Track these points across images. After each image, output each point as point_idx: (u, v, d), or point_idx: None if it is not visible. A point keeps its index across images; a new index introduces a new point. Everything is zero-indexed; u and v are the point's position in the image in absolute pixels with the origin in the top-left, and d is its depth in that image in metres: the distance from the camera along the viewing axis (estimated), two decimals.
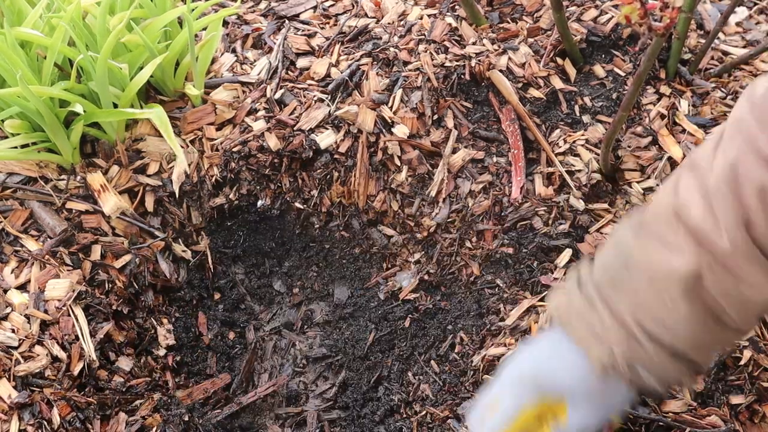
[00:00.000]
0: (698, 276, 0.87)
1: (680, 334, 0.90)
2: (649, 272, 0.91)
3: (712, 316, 0.89)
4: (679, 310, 0.89)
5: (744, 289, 0.86)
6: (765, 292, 0.86)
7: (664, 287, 0.89)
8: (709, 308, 0.88)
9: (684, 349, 0.92)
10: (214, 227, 1.59)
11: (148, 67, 1.41)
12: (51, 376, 1.24)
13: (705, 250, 0.86)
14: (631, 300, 0.92)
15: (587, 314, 0.94)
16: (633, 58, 1.62)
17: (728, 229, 0.84)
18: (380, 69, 1.57)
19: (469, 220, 1.47)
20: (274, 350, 1.57)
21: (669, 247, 0.89)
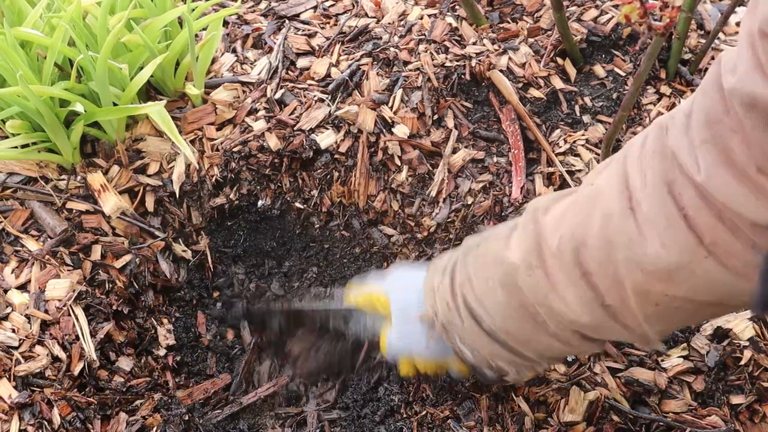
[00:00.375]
0: (516, 269, 0.91)
1: (496, 319, 0.97)
2: (487, 255, 0.98)
3: (527, 314, 0.92)
4: (497, 296, 0.95)
5: (553, 298, 0.87)
6: (575, 312, 0.86)
7: (490, 271, 0.96)
8: (524, 305, 0.92)
9: (502, 335, 0.97)
10: (215, 227, 1.59)
11: (148, 67, 1.41)
12: (51, 376, 1.24)
13: (536, 252, 0.89)
14: (467, 274, 1.00)
15: (439, 273, 1.07)
16: (633, 58, 1.62)
17: (563, 239, 0.85)
18: (380, 69, 1.57)
19: (469, 221, 1.47)
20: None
21: (515, 238, 0.94)
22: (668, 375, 1.29)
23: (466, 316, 0.99)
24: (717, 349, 1.29)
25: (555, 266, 0.86)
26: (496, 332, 0.97)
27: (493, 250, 0.96)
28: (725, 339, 1.31)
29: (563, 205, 0.89)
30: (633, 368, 1.31)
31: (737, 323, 1.32)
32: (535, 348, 0.97)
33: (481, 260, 0.99)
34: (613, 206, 0.80)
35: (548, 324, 0.90)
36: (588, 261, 0.82)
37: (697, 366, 1.29)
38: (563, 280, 0.85)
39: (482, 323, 0.97)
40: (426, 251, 1.51)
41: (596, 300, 0.83)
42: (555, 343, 0.94)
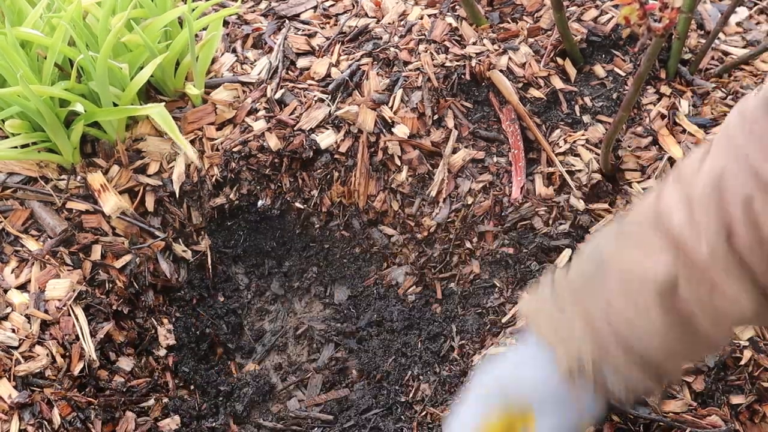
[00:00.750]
0: (674, 283, 0.85)
1: (652, 340, 0.89)
2: (624, 276, 0.89)
3: (685, 326, 0.88)
4: (652, 316, 0.87)
5: (718, 300, 0.84)
6: (739, 304, 0.84)
7: (638, 292, 0.87)
8: (683, 317, 0.87)
9: (654, 355, 0.90)
10: (215, 227, 1.59)
11: (148, 67, 1.41)
12: (51, 376, 1.24)
13: (683, 258, 0.84)
14: (603, 304, 0.90)
15: (557, 316, 0.92)
16: (633, 58, 1.62)
17: (709, 237, 0.82)
18: (380, 69, 1.57)
19: (469, 221, 1.47)
20: (275, 351, 1.57)
21: (646, 252, 0.87)
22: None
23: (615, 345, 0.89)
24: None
25: (710, 266, 0.83)
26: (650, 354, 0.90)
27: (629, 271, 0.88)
28: None
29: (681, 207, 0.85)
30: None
31: None
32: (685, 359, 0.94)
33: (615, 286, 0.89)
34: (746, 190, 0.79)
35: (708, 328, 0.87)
36: (741, 248, 0.81)
37: (697, 366, 1.29)
38: (723, 276, 0.83)
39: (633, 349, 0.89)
40: (426, 251, 1.51)
41: (756, 285, 0.82)
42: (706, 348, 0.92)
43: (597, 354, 0.90)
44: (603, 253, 0.92)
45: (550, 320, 0.93)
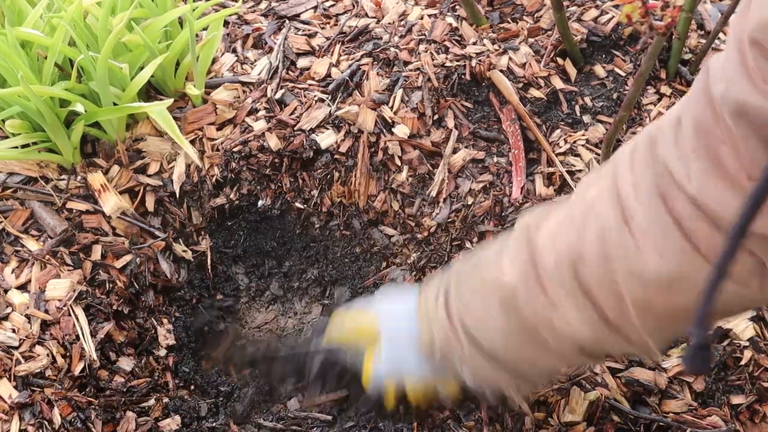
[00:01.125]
0: (515, 293, 0.89)
1: (497, 343, 0.94)
2: (483, 278, 0.95)
3: (528, 336, 0.91)
4: (497, 321, 0.92)
5: (555, 318, 0.86)
6: (578, 330, 0.85)
7: (488, 295, 0.93)
8: (525, 327, 0.90)
9: (504, 357, 0.95)
10: (215, 227, 1.59)
11: (148, 67, 1.41)
12: (51, 376, 1.24)
13: (534, 269, 0.87)
14: (462, 299, 0.97)
15: (430, 300, 1.02)
16: (633, 58, 1.62)
17: (560, 258, 0.84)
18: (381, 69, 1.57)
19: (470, 221, 1.47)
20: None
21: (508, 260, 0.91)
22: (668, 375, 1.29)
23: (466, 342, 0.97)
24: (717, 349, 1.29)
25: (553, 285, 0.85)
26: (498, 356, 0.95)
27: (487, 276, 0.94)
28: (725, 339, 1.31)
29: (555, 222, 0.87)
30: (633, 368, 1.31)
31: (737, 323, 1.32)
32: (537, 367, 0.97)
33: (476, 286, 0.96)
34: (608, 220, 0.79)
35: (550, 343, 0.89)
36: (587, 277, 0.81)
37: None
38: (563, 298, 0.84)
39: (483, 348, 0.96)
40: (426, 251, 1.51)
41: (597, 316, 0.82)
42: (557, 360, 0.93)
43: (446, 344, 1.00)
44: (483, 253, 0.99)
45: (427, 301, 1.03)
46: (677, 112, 0.75)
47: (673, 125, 0.75)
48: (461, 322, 0.97)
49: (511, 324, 0.91)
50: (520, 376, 0.98)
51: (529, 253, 0.88)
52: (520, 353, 0.94)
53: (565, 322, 0.85)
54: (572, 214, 0.85)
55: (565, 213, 0.87)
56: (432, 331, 1.01)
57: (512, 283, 0.89)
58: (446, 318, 0.99)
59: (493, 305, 0.92)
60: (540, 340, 0.89)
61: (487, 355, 0.95)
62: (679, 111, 0.75)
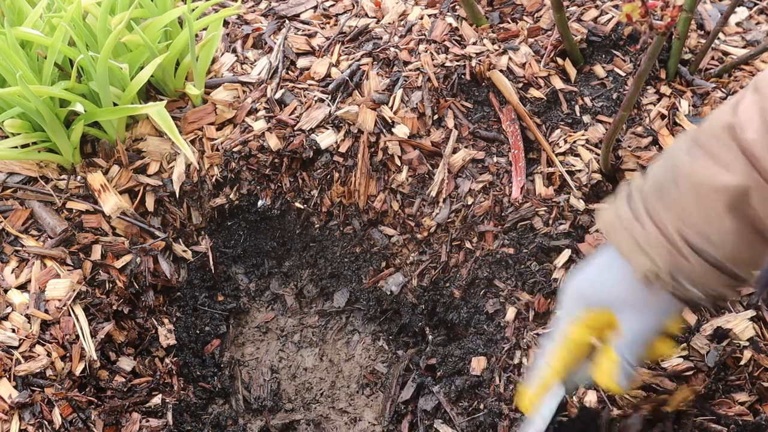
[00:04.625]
0: (745, 193, 0.87)
1: (725, 247, 0.91)
2: (697, 186, 0.91)
3: (755, 233, 0.90)
4: (724, 224, 0.90)
5: None
6: None
7: (711, 201, 0.90)
8: (754, 225, 0.89)
9: (727, 262, 0.93)
10: (215, 227, 1.59)
11: (148, 67, 1.41)
12: (52, 376, 1.24)
13: (755, 168, 0.86)
14: (676, 213, 0.93)
15: (633, 226, 0.96)
16: (633, 58, 1.62)
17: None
18: (380, 69, 1.57)
19: (469, 221, 1.46)
20: (273, 353, 1.57)
21: (720, 162, 0.89)
22: (668, 375, 1.29)
23: (691, 255, 0.93)
24: (717, 349, 1.29)
25: None
26: (723, 261, 0.93)
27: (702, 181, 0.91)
28: (725, 339, 1.31)
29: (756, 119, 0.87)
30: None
31: (737, 323, 1.32)
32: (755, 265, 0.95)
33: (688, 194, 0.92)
34: None
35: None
36: None
37: (697, 366, 1.29)
38: None
39: (708, 257, 0.93)
40: (426, 251, 1.51)
41: None
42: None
43: (672, 263, 0.93)
44: (677, 165, 0.94)
45: (626, 230, 0.96)
46: None
47: None
48: (682, 235, 0.93)
49: (741, 225, 0.90)
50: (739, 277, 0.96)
51: (742, 153, 0.87)
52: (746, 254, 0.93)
53: None
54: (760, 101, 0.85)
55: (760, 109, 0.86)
56: (650, 255, 0.95)
57: (737, 184, 0.88)
58: (663, 237, 0.94)
59: (720, 209, 0.90)
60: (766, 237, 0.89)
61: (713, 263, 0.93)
62: None
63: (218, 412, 1.43)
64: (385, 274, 1.55)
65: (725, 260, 0.93)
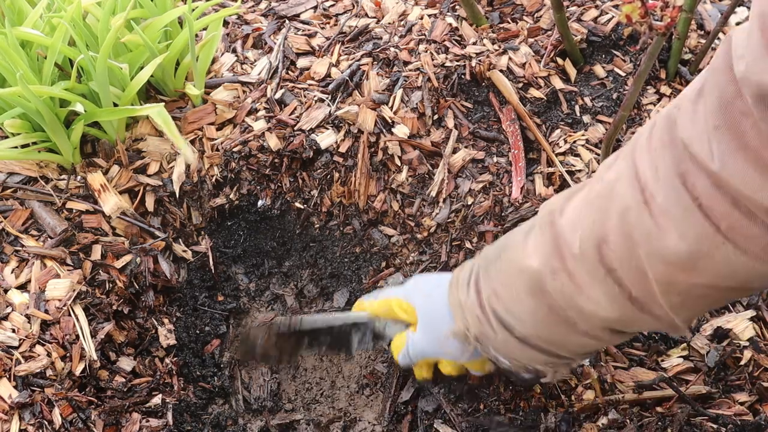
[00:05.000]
0: (543, 276, 0.90)
1: (527, 326, 0.96)
2: (510, 264, 0.97)
3: (557, 317, 0.92)
4: (526, 305, 0.94)
5: (580, 300, 0.88)
6: (604, 309, 0.86)
7: (516, 281, 0.95)
8: (554, 309, 0.91)
9: (534, 340, 0.97)
10: (215, 227, 1.59)
11: (148, 67, 1.41)
12: (52, 376, 1.24)
13: (558, 254, 0.88)
14: (492, 286, 0.99)
15: (462, 288, 1.06)
16: (633, 58, 1.62)
17: (583, 240, 0.85)
18: (380, 69, 1.57)
19: (469, 221, 1.47)
20: None
21: (533, 244, 0.93)
22: (668, 375, 1.29)
23: (498, 328, 0.99)
24: (717, 349, 1.29)
25: (578, 267, 0.86)
26: (529, 338, 0.97)
27: (514, 260, 0.96)
28: (725, 339, 1.31)
29: (577, 205, 0.89)
30: (634, 368, 1.31)
31: (737, 323, 1.32)
32: (568, 348, 0.98)
33: (504, 271, 0.98)
34: (628, 201, 0.80)
35: (579, 324, 0.90)
36: (610, 257, 0.83)
37: (697, 366, 1.29)
38: (588, 280, 0.85)
39: (514, 332, 0.98)
40: (426, 251, 1.51)
41: (623, 295, 0.84)
42: (587, 341, 0.94)
43: (479, 330, 1.02)
44: (509, 241, 1.01)
45: (458, 287, 1.07)
46: (698, 86, 0.75)
47: (693, 101, 0.75)
48: (491, 307, 0.99)
49: (539, 306, 0.92)
50: (553, 355, 0.99)
51: (552, 237, 0.89)
52: (551, 335, 0.96)
53: (592, 302, 0.86)
54: (593, 196, 0.87)
55: (586, 195, 0.88)
56: (465, 317, 1.04)
57: (538, 267, 0.91)
58: (478, 305, 1.01)
59: (521, 289, 0.94)
60: (569, 321, 0.91)
61: (520, 338, 0.97)
62: (701, 85, 0.75)
63: (218, 412, 1.43)
64: (385, 274, 1.55)
65: (533, 338, 0.97)
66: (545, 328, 0.95)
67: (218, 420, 1.42)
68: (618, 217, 0.81)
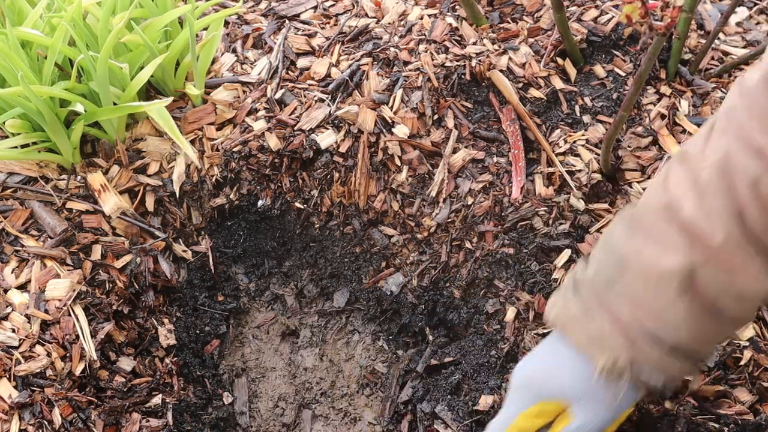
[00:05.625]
0: (692, 273, 0.86)
1: (682, 332, 0.90)
2: (644, 272, 0.90)
3: (710, 311, 0.89)
4: (678, 308, 0.88)
5: (739, 282, 0.85)
6: (760, 283, 0.85)
7: (661, 287, 0.88)
8: (707, 303, 0.88)
9: (686, 344, 0.91)
10: (215, 227, 1.59)
11: (148, 67, 1.41)
12: (52, 376, 1.24)
13: (698, 245, 0.85)
14: (629, 303, 0.91)
15: (585, 320, 0.94)
16: (633, 58, 1.62)
17: (722, 223, 0.83)
18: (380, 69, 1.57)
19: (469, 221, 1.46)
20: (273, 353, 1.57)
21: (661, 244, 0.88)
22: None
23: (649, 345, 0.91)
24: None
25: (726, 251, 0.84)
26: (681, 345, 0.92)
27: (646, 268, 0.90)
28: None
29: (690, 194, 0.86)
30: None
31: None
32: (715, 341, 0.96)
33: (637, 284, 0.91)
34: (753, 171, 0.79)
35: (733, 310, 0.88)
36: (755, 231, 0.82)
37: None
38: (740, 259, 0.84)
39: (665, 343, 0.91)
40: (426, 251, 1.51)
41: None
42: (734, 328, 0.92)
43: (631, 353, 0.91)
44: (620, 250, 0.93)
45: (579, 324, 0.94)
46: None
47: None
48: (638, 325, 0.91)
49: (692, 305, 0.88)
50: (699, 356, 0.95)
51: (683, 231, 0.86)
52: (704, 332, 0.92)
53: (750, 280, 0.85)
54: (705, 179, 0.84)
55: (693, 183, 0.86)
56: (611, 349, 0.92)
57: (682, 266, 0.87)
58: (618, 329, 0.92)
59: (670, 294, 0.88)
60: (723, 311, 0.89)
61: (672, 347, 0.91)
62: None
63: (220, 412, 1.44)
64: (385, 274, 1.55)
65: (686, 343, 0.91)
66: (699, 328, 0.90)
67: (218, 420, 1.42)
68: (749, 189, 0.80)
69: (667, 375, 0.94)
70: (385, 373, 1.50)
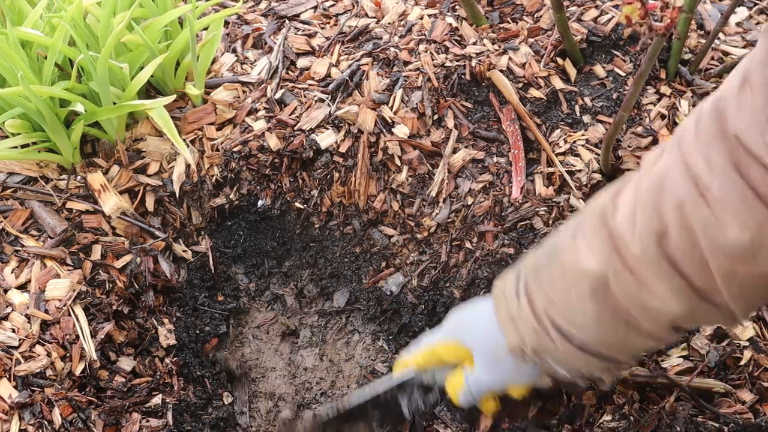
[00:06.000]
0: (607, 279, 0.89)
1: (589, 332, 0.94)
2: (566, 268, 0.94)
3: (620, 320, 0.90)
4: (587, 310, 0.92)
5: (645, 297, 0.87)
6: (669, 305, 0.86)
7: (575, 286, 0.92)
8: (620, 312, 0.90)
9: (595, 347, 0.95)
10: (215, 227, 1.59)
11: (148, 67, 1.41)
12: (52, 376, 1.24)
13: (616, 254, 0.87)
14: (546, 293, 0.96)
15: (511, 300, 1.01)
16: (633, 59, 1.62)
17: (642, 237, 0.84)
18: (380, 69, 1.57)
19: (469, 221, 1.47)
20: (273, 353, 1.57)
21: (588, 245, 0.91)
22: (668, 375, 1.29)
23: (557, 337, 0.96)
24: (717, 349, 1.29)
25: (640, 265, 0.85)
26: (590, 345, 0.95)
27: (568, 265, 0.93)
28: (725, 339, 1.31)
29: (628, 203, 0.87)
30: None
31: None
32: (629, 351, 0.97)
33: (558, 278, 0.95)
34: (682, 194, 0.80)
35: (642, 324, 0.89)
36: (672, 251, 0.82)
37: (697, 366, 1.29)
38: (652, 276, 0.84)
39: (574, 340, 0.95)
40: (426, 251, 1.51)
41: (688, 287, 0.83)
42: (648, 341, 0.93)
43: (537, 342, 0.98)
44: (557, 246, 0.98)
45: (506, 302, 1.02)
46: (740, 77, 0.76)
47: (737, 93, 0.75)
48: (548, 317, 0.96)
49: (602, 310, 0.90)
50: (612, 360, 0.97)
51: (608, 237, 0.88)
52: (614, 339, 0.94)
53: (658, 298, 0.85)
54: (642, 192, 0.86)
55: (635, 193, 0.87)
56: (520, 331, 1.00)
57: (598, 270, 0.89)
58: (532, 315, 0.97)
59: (582, 294, 0.91)
60: (632, 323, 0.90)
61: (579, 346, 0.95)
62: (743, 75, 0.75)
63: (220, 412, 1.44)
64: (385, 274, 1.55)
65: (593, 344, 0.95)
66: (608, 333, 0.93)
67: (218, 420, 1.42)
68: (675, 211, 0.81)
69: (571, 368, 1.00)
70: (385, 373, 1.50)
